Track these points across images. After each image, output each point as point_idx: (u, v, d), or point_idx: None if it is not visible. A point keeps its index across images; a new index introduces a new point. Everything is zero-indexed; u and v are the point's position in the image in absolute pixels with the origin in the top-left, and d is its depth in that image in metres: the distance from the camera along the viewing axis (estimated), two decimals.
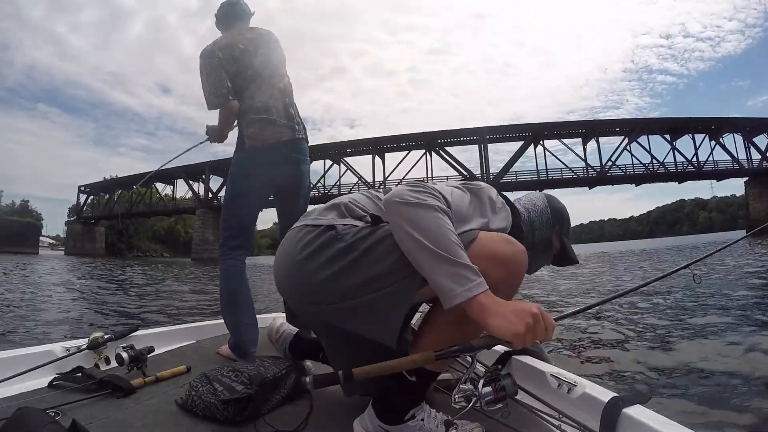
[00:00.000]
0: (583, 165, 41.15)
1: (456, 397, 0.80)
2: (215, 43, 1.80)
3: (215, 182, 48.14)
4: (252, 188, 1.80)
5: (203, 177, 48.44)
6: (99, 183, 60.60)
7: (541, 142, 41.59)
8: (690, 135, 40.30)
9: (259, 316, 1.82)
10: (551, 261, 1.30)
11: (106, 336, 1.54)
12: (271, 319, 1.61)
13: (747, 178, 40.38)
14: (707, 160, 40.04)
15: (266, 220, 40.59)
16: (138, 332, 1.71)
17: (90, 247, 56.47)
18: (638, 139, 40.31)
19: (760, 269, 7.72)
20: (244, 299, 1.74)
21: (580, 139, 42.83)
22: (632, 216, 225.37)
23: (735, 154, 39.82)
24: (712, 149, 40.16)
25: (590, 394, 1.04)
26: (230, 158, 1.85)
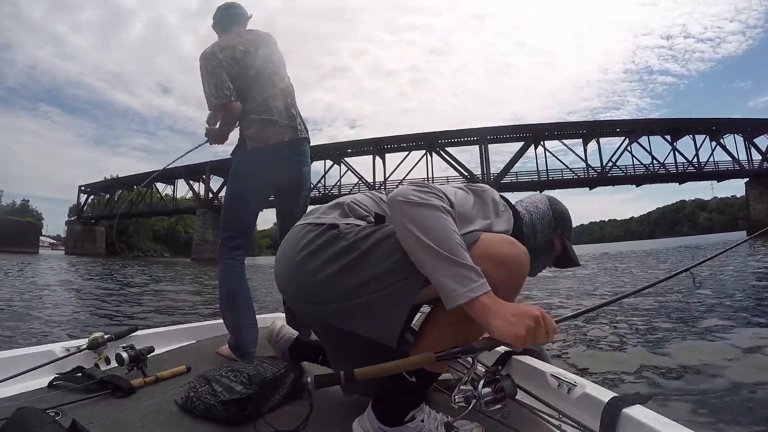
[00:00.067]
0: (584, 165, 41.18)
1: (456, 398, 0.80)
2: (215, 45, 1.80)
3: (216, 182, 48.25)
4: (253, 189, 1.80)
5: (204, 177, 48.44)
6: (99, 183, 60.71)
7: (542, 143, 41.58)
8: (691, 136, 40.28)
9: (259, 316, 1.82)
10: (553, 263, 1.30)
11: (106, 336, 1.54)
12: (271, 320, 1.61)
13: (748, 179, 40.37)
14: (708, 161, 40.04)
15: (266, 221, 40.59)
16: (138, 332, 1.71)
17: (90, 247, 56.47)
18: (639, 140, 40.28)
19: (761, 271, 7.70)
20: (244, 299, 1.74)
21: (581, 140, 42.83)
22: (632, 217, 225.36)
23: (736, 155, 39.87)
24: (713, 150, 40.22)
25: (590, 394, 1.04)
26: (230, 158, 1.85)
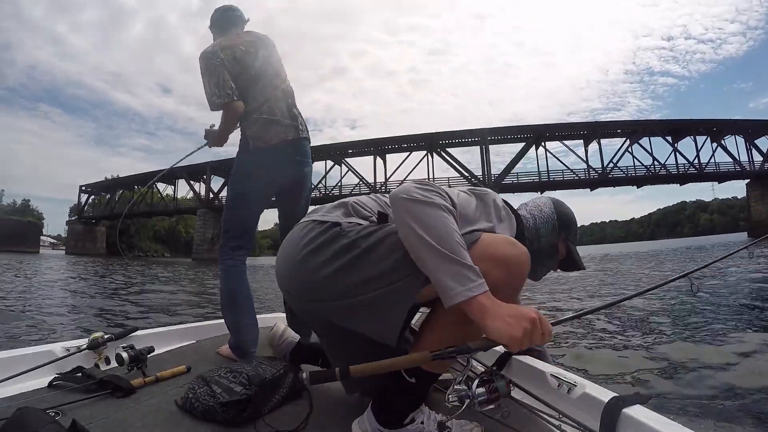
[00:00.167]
0: (585, 166, 41.17)
1: (449, 397, 0.80)
2: (216, 45, 1.80)
3: (216, 182, 48.32)
4: (255, 189, 1.80)
5: (204, 177, 48.52)
6: (100, 183, 60.85)
7: (543, 144, 41.58)
8: (691, 137, 40.25)
9: (259, 316, 1.82)
10: (557, 267, 1.30)
11: (106, 336, 1.54)
12: (271, 320, 1.61)
13: (749, 180, 40.33)
14: (709, 162, 40.00)
15: (267, 221, 40.56)
16: (138, 332, 1.71)
17: (91, 247, 56.55)
18: (640, 141, 40.26)
19: (761, 275, 7.68)
20: (244, 299, 1.73)
21: (582, 141, 42.87)
22: (633, 218, 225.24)
23: (737, 156, 39.85)
24: (714, 151, 40.19)
25: (590, 394, 1.04)
26: (232, 158, 1.85)
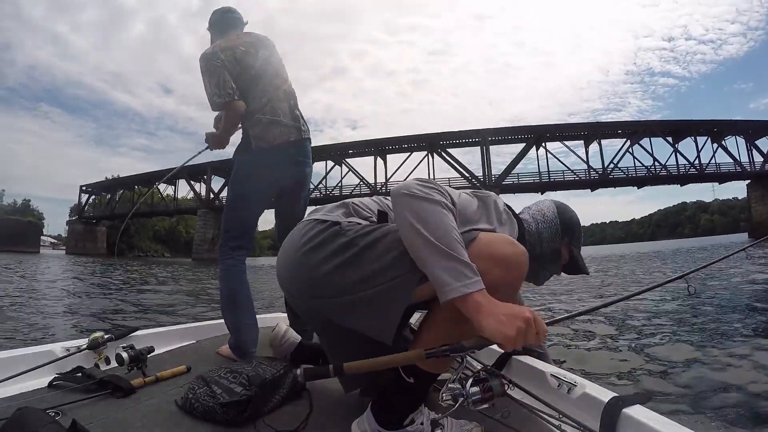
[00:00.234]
0: (585, 167, 41.14)
1: (443, 396, 0.80)
2: (216, 46, 1.79)
3: (217, 183, 48.31)
4: (256, 189, 1.80)
5: (205, 177, 48.53)
6: (100, 183, 60.88)
7: (543, 144, 41.55)
8: (692, 137, 40.21)
9: (260, 316, 1.82)
10: (560, 271, 1.31)
11: (106, 336, 1.54)
12: (272, 320, 1.61)
13: (749, 181, 40.25)
14: (709, 163, 39.94)
15: (268, 221, 40.33)
16: (138, 332, 1.71)
17: (91, 247, 56.54)
18: (640, 142, 40.20)
19: (762, 274, 7.68)
20: (244, 299, 1.73)
21: (582, 142, 42.85)
22: (634, 218, 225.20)
23: (737, 157, 39.77)
24: (715, 152, 40.16)
25: (590, 394, 1.04)
26: (232, 158, 1.84)
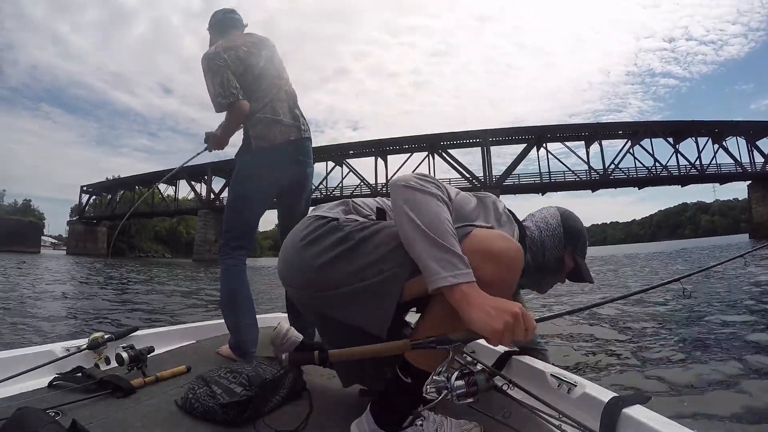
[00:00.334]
0: (586, 168, 41.14)
1: (428, 388, 0.80)
2: (218, 46, 1.79)
3: (217, 183, 48.37)
4: (257, 189, 1.80)
5: (205, 178, 48.58)
6: (101, 183, 60.96)
7: (544, 145, 41.56)
8: (693, 138, 40.19)
9: (260, 316, 1.82)
10: (564, 279, 1.32)
11: (106, 336, 1.54)
12: (272, 320, 1.61)
13: (750, 182, 40.24)
14: (710, 164, 39.90)
15: (268, 222, 40.51)
16: (138, 332, 1.71)
17: (92, 247, 56.59)
18: (641, 143, 40.20)
19: (763, 275, 7.66)
20: (245, 299, 1.73)
21: (583, 142, 42.81)
22: (634, 219, 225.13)
23: (738, 158, 39.72)
24: (715, 152, 40.10)
25: (590, 394, 1.04)
26: (233, 159, 1.85)
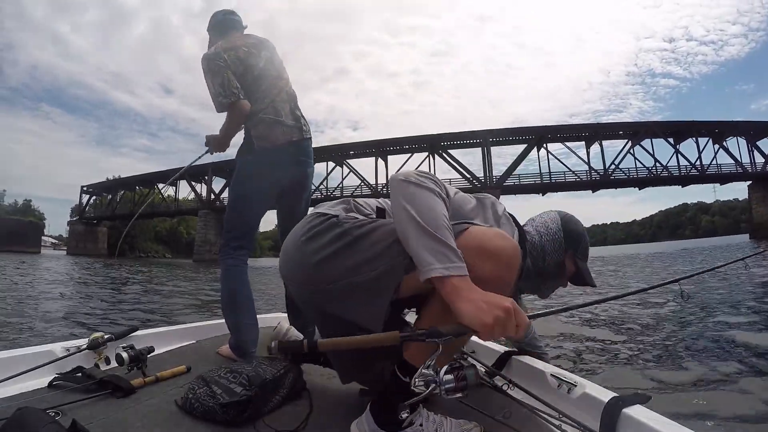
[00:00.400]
0: (586, 168, 41.07)
1: (416, 381, 0.79)
2: (218, 46, 1.80)
3: (218, 183, 48.34)
4: (258, 189, 1.80)
5: (206, 178, 48.56)
6: (102, 183, 60.92)
7: (545, 145, 41.51)
8: (693, 138, 40.12)
9: (260, 316, 1.82)
10: (566, 283, 1.32)
11: (106, 336, 1.54)
12: (272, 320, 1.61)
13: (750, 182, 40.16)
14: (711, 164, 39.81)
15: (269, 222, 40.41)
16: (138, 332, 1.71)
17: (92, 248, 56.55)
18: (642, 143, 40.13)
19: (762, 280, 7.65)
20: (245, 299, 1.73)
21: (584, 142, 42.74)
22: (635, 219, 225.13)
23: (738, 158, 39.62)
24: (716, 153, 39.99)
25: (590, 394, 1.04)
26: (233, 159, 1.85)
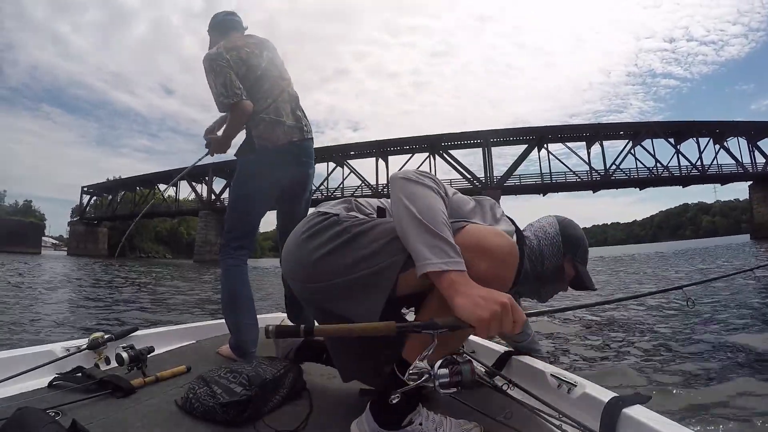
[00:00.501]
0: (587, 168, 41.08)
1: (410, 374, 0.79)
2: (220, 47, 1.79)
3: (218, 184, 48.35)
4: (259, 189, 1.80)
5: (206, 179, 48.59)
6: (102, 183, 60.97)
7: (545, 146, 41.51)
8: (694, 139, 40.11)
9: (260, 316, 1.82)
10: (566, 287, 1.33)
11: (106, 336, 1.54)
12: (272, 319, 1.61)
13: (751, 182, 40.15)
14: (711, 164, 39.80)
15: (269, 223, 40.15)
16: (138, 332, 1.71)
17: (93, 248, 56.59)
18: (642, 143, 40.15)
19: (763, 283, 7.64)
20: (245, 299, 1.73)
21: (584, 143, 42.74)
22: (635, 220, 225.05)
23: (739, 158, 39.63)
24: (717, 153, 39.99)
25: (590, 394, 1.04)
26: (233, 159, 1.85)
